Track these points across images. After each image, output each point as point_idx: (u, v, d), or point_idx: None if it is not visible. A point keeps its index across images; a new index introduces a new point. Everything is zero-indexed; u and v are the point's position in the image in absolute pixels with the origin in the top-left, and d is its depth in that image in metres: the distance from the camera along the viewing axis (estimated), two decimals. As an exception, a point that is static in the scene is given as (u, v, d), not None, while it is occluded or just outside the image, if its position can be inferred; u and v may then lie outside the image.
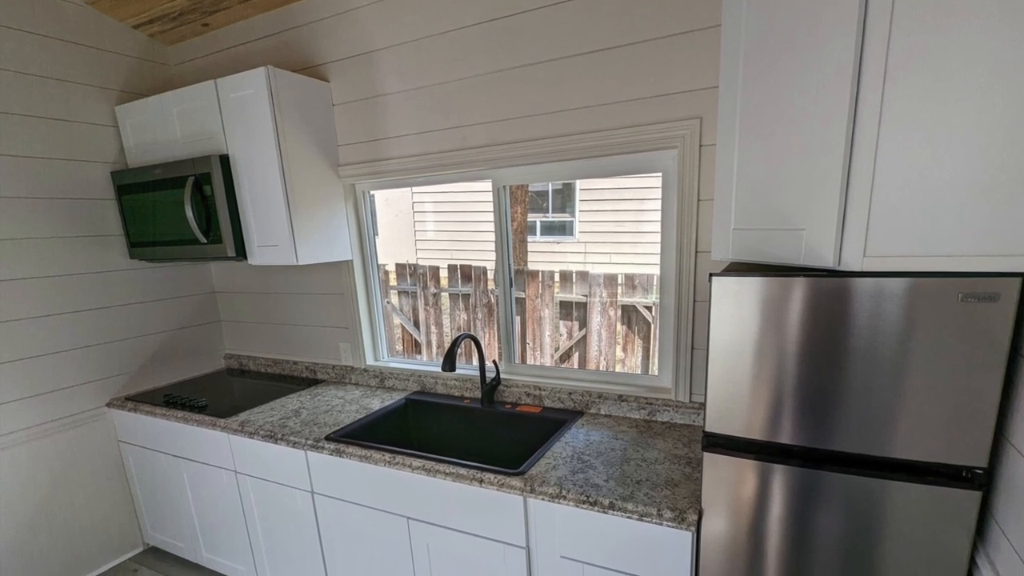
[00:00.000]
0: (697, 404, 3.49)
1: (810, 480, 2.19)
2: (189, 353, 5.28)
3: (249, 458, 3.94)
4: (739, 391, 2.24)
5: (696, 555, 2.55)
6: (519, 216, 8.97)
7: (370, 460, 3.32)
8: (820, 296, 2.01)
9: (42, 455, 4.34)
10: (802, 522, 2.25)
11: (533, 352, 8.36)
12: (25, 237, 4.10)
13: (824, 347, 2.04)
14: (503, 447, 3.95)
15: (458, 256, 12.76)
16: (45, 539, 4.41)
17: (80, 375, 4.50)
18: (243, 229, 4.09)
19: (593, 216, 12.34)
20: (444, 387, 4.33)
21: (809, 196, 2.02)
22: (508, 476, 2.93)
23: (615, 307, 7.80)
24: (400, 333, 9.35)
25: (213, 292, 5.43)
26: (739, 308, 2.16)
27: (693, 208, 3.23)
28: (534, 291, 8.15)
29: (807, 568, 2.28)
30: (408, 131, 3.96)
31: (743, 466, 2.32)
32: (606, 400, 3.73)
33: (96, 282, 4.52)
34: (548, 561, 2.93)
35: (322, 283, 4.75)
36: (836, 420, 2.09)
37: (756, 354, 2.17)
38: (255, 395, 4.56)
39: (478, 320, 8.58)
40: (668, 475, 2.86)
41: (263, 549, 4.14)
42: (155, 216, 4.31)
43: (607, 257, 12.07)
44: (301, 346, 5.08)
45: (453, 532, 3.18)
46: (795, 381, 2.12)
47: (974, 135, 1.72)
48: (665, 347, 3.58)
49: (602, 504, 2.66)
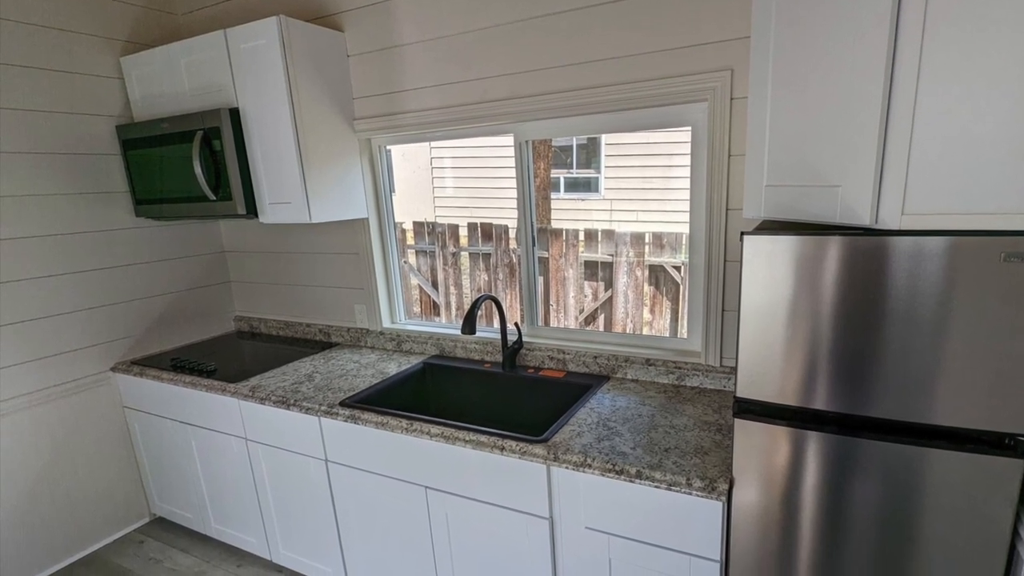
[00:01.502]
0: (728, 368, 3.51)
1: (846, 448, 2.20)
2: (197, 315, 5.32)
3: (260, 425, 3.98)
4: (772, 355, 2.25)
5: (727, 526, 2.57)
6: (542, 172, 8.98)
7: (386, 427, 3.35)
8: (856, 256, 2.01)
9: (44, 422, 4.39)
10: (837, 492, 2.26)
11: (557, 314, 8.37)
12: (26, 194, 4.14)
13: (860, 309, 2.04)
14: (525, 413, 3.98)
15: (478, 214, 12.75)
16: (47, 509, 4.47)
17: (83, 338, 4.55)
18: (254, 186, 4.12)
19: (619, 172, 12.29)
20: (464, 351, 4.37)
21: (845, 152, 2.02)
22: (531, 444, 2.95)
23: (642, 267, 7.80)
24: (418, 294, 9.38)
25: (222, 251, 5.47)
26: (772, 268, 2.16)
27: (724, 164, 3.24)
28: (558, 250, 8.16)
29: (843, 539, 2.30)
30: (426, 83, 3.97)
31: (776, 433, 2.33)
32: (633, 364, 3.76)
33: (100, 241, 4.56)
34: (572, 532, 2.96)
35: (336, 242, 4.78)
36: (873, 385, 2.09)
37: (789, 316, 2.17)
38: (266, 359, 4.60)
39: (499, 281, 8.60)
40: (698, 442, 2.87)
41: (275, 520, 4.19)
42: (162, 172, 4.34)
43: (634, 215, 12.04)
44: (314, 308, 5.11)
45: (473, 502, 3.21)
46: (830, 344, 2.13)
47: (1017, 88, 1.73)
48: (695, 309, 3.60)
49: (629, 473, 2.68)
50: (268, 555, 4.38)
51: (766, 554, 2.48)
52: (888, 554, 2.23)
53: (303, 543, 4.12)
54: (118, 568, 4.61)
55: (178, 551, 4.78)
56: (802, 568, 2.42)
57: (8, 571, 4.32)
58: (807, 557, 2.39)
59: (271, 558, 4.38)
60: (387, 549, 3.69)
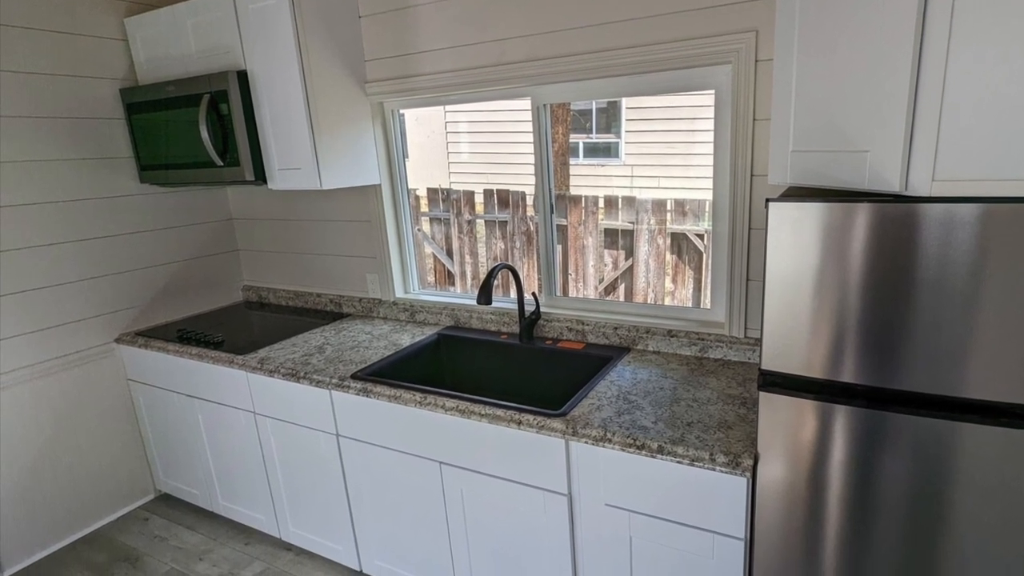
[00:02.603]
0: (753, 340, 3.53)
1: (874, 422, 2.21)
2: (204, 285, 5.36)
3: (269, 398, 4.02)
4: (798, 326, 2.26)
5: (752, 503, 2.58)
6: (560, 137, 8.98)
7: (400, 400, 3.38)
8: (886, 223, 2.00)
9: (45, 395, 4.43)
10: (866, 467, 2.27)
11: (576, 284, 8.39)
12: (27, 160, 4.17)
13: (890, 278, 2.04)
14: (543, 386, 4.01)
15: (495, 180, 12.74)
16: (49, 485, 4.52)
17: (86, 308, 4.58)
18: (262, 151, 4.14)
19: (640, 137, 12.27)
20: (479, 321, 4.39)
21: (874, 116, 2.02)
22: (549, 417, 2.96)
23: (664, 235, 7.80)
24: (432, 263, 9.41)
25: (230, 219, 5.50)
26: (798, 236, 2.16)
27: (748, 128, 3.24)
28: (576, 218, 8.17)
29: (871, 516, 2.31)
30: (441, 45, 3.97)
31: (802, 407, 2.34)
32: (654, 336, 3.77)
33: (104, 208, 4.59)
34: (592, 509, 2.98)
35: (348, 209, 4.80)
36: (902, 357, 2.10)
37: (816, 286, 2.18)
38: (275, 330, 4.63)
39: (516, 249, 8.62)
40: (721, 416, 2.89)
41: (284, 496, 4.24)
42: (167, 137, 4.36)
43: (655, 181, 12.03)
44: (325, 277, 5.14)
45: (489, 478, 3.24)
46: (858, 315, 2.13)
47: (1054, 49, 1.73)
48: (718, 278, 3.61)
49: (650, 448, 2.70)
50: (277, 532, 4.43)
51: (792, 532, 2.49)
52: (918, 532, 2.24)
53: (313, 520, 4.16)
54: (122, 546, 4.66)
55: (184, 528, 4.83)
56: (829, 546, 2.43)
57: (8, 549, 4.36)
58: (834, 535, 2.41)
59: (280, 536, 4.42)
60: (400, 526, 3.72)
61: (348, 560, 4.09)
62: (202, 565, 4.42)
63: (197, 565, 4.43)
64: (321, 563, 4.34)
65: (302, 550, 4.48)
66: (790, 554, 2.52)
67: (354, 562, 4.05)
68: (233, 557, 4.48)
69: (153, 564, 4.46)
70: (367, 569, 4.01)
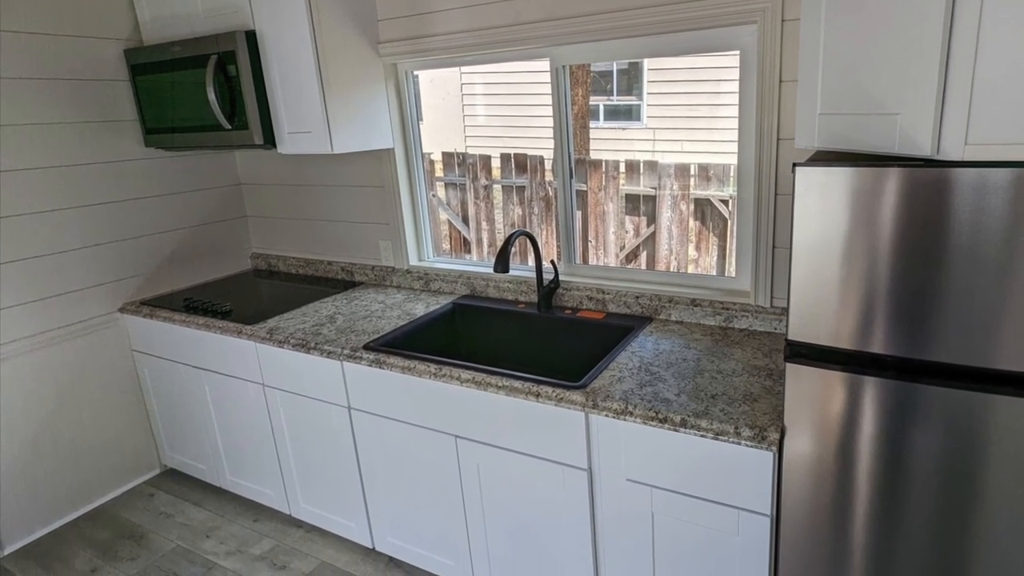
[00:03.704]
0: (779, 309, 3.53)
1: (905, 394, 2.21)
2: (211, 252, 5.39)
3: (278, 370, 4.05)
4: (826, 295, 2.26)
5: (778, 478, 2.59)
6: (580, 99, 8.97)
7: (414, 372, 3.40)
8: (916, 188, 2.00)
9: (47, 366, 4.47)
10: (896, 441, 2.28)
11: (596, 251, 8.40)
12: (28, 123, 4.19)
13: (921, 246, 2.04)
14: (562, 357, 4.03)
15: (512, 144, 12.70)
16: (50, 460, 4.56)
17: (89, 277, 4.62)
18: (272, 114, 4.17)
19: (663, 99, 12.24)
20: (496, 290, 4.41)
21: (904, 77, 2.02)
22: (568, 389, 2.98)
23: (687, 201, 7.80)
24: (447, 230, 9.42)
25: (238, 184, 5.53)
26: (826, 202, 2.16)
27: (774, 90, 3.24)
28: (597, 183, 8.17)
29: (902, 492, 2.32)
30: (456, 4, 3.97)
31: (830, 378, 2.35)
32: (677, 305, 3.79)
33: (107, 173, 4.61)
34: (612, 484, 3.00)
35: (360, 174, 4.81)
36: (934, 327, 2.10)
37: (845, 253, 2.18)
38: (285, 299, 4.66)
39: (534, 215, 8.63)
40: (746, 388, 2.90)
41: (294, 471, 4.28)
42: (173, 99, 4.39)
43: (678, 145, 11.99)
44: (336, 244, 5.17)
45: (506, 452, 3.27)
46: (888, 284, 2.13)
47: (1094, 8, 1.73)
48: (743, 246, 3.62)
49: (673, 421, 2.71)
50: (287, 509, 4.47)
51: (820, 508, 2.51)
52: (950, 507, 2.25)
53: (324, 496, 4.21)
54: (126, 523, 4.71)
55: (190, 505, 4.88)
56: (858, 522, 2.45)
57: (9, 526, 4.41)
58: (863, 511, 2.42)
59: (290, 512, 4.47)
60: (414, 502, 3.76)
61: (360, 537, 4.13)
62: (209, 542, 4.47)
63: (204, 542, 4.48)
64: (332, 540, 4.38)
65: (313, 527, 4.53)
66: (818, 531, 2.54)
67: (366, 539, 4.10)
68: (241, 534, 4.52)
69: (158, 541, 4.51)
70: (380, 546, 4.05)
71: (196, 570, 4.21)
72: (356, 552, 4.25)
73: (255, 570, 4.17)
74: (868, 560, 2.47)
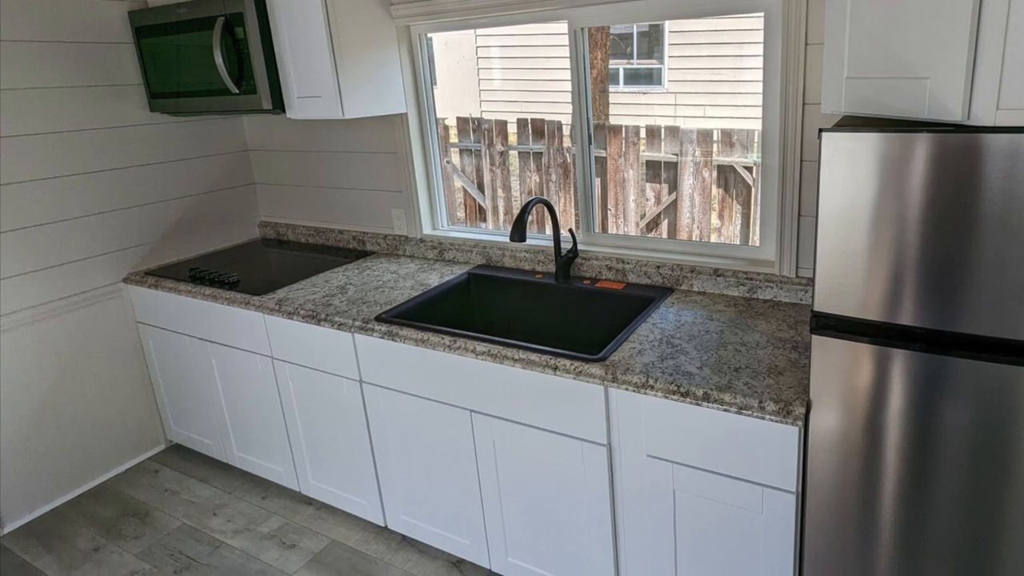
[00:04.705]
0: (805, 279, 3.53)
1: (935, 367, 2.22)
2: (218, 221, 5.41)
3: (288, 342, 4.08)
4: (853, 264, 2.27)
5: (803, 454, 2.61)
6: (599, 63, 8.97)
7: (427, 344, 3.42)
8: (946, 155, 2.00)
9: (48, 338, 4.51)
10: (926, 416, 2.28)
11: (615, 219, 8.41)
12: (29, 87, 4.21)
13: (951, 214, 2.04)
14: (581, 329, 4.05)
15: (529, 109, 12.69)
16: (52, 435, 4.61)
17: (93, 246, 4.64)
18: (281, 78, 4.17)
19: (685, 63, 12.22)
20: (512, 260, 4.42)
21: (934, 40, 2.01)
22: (586, 362, 3.00)
23: (710, 167, 7.80)
24: (462, 198, 9.43)
25: (246, 150, 5.54)
26: (853, 169, 2.16)
27: (800, 53, 3.22)
28: (616, 149, 8.17)
29: (932, 468, 2.33)
30: (471, -38, 3.97)
31: (858, 351, 2.35)
32: (699, 275, 3.79)
33: (111, 139, 4.63)
34: (632, 460, 3.02)
35: (372, 140, 4.81)
36: (965, 297, 2.11)
37: (873, 222, 2.18)
38: (294, 269, 4.68)
39: (552, 183, 8.64)
40: (771, 361, 2.91)
41: (303, 447, 4.31)
42: (179, 63, 4.40)
43: (701, 110, 11.98)
44: (347, 213, 5.18)
45: (523, 427, 3.29)
46: (917, 253, 2.13)
47: None
48: (768, 214, 3.63)
49: (695, 395, 2.73)
50: (296, 486, 4.51)
51: (847, 485, 2.52)
52: (981, 484, 2.26)
53: (335, 473, 4.24)
54: (130, 500, 4.76)
55: (197, 481, 4.93)
56: (887, 500, 2.46)
57: (9, 504, 4.46)
58: (892, 488, 2.43)
59: (299, 489, 4.51)
60: (428, 478, 3.80)
61: (372, 515, 4.17)
62: (216, 520, 4.52)
63: (211, 520, 4.52)
64: (343, 518, 4.42)
65: (323, 504, 4.57)
66: (845, 508, 2.56)
67: (378, 517, 4.13)
68: (249, 512, 4.57)
69: (163, 519, 4.56)
70: (392, 524, 4.09)
71: (202, 549, 4.26)
72: (368, 530, 4.29)
73: (263, 549, 4.22)
74: (897, 538, 2.48)
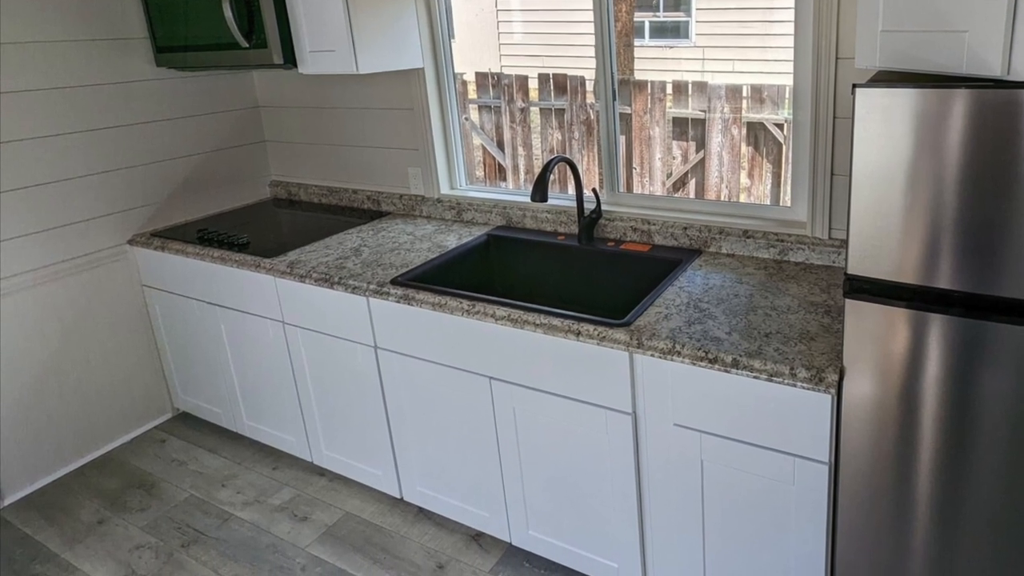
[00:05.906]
0: (838, 241, 3.52)
1: (973, 332, 2.23)
2: (227, 180, 5.44)
3: (300, 306, 4.11)
4: (888, 225, 2.27)
5: (836, 422, 2.62)
6: (624, 15, 8.96)
7: (445, 308, 3.44)
8: (985, 111, 1.99)
9: (51, 302, 4.54)
10: (964, 383, 2.29)
11: (641, 179, 8.42)
12: (30, 40, 4.23)
13: (990, 172, 2.04)
14: (605, 293, 4.07)
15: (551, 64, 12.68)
16: (54, 403, 4.66)
17: (97, 206, 4.68)
18: (292, 31, 4.18)
19: (713, 16, 12.20)
20: (533, 221, 4.43)
21: None
22: (611, 328, 3.01)
23: (739, 124, 7.79)
24: (481, 156, 9.44)
25: (256, 107, 5.56)
26: (888, 126, 2.16)
27: (833, 5, 3.21)
28: (642, 105, 8.17)
29: (970, 438, 2.34)
30: (490, -95, 3.98)
31: (893, 315, 2.36)
32: (728, 236, 3.80)
33: (116, 94, 4.65)
34: (659, 429, 3.04)
35: (387, 96, 4.82)
36: (1004, 260, 2.10)
37: (909, 181, 2.18)
38: (307, 230, 4.70)
39: (574, 140, 8.64)
40: (803, 326, 2.92)
41: (316, 415, 4.35)
42: (187, 15, 4.40)
43: (729, 65, 11.95)
44: (362, 172, 5.20)
45: (545, 395, 3.31)
46: (955, 214, 2.13)
47: None
48: (799, 173, 3.63)
49: (724, 361, 2.74)
50: (308, 456, 4.56)
51: (882, 455, 2.54)
52: (1022, 454, 2.27)
53: (349, 442, 4.28)
54: (136, 470, 4.82)
55: (205, 451, 4.99)
56: (923, 470, 2.47)
57: (11, 474, 4.52)
58: (929, 458, 2.45)
59: (312, 459, 4.55)
60: (445, 448, 3.83)
61: (388, 486, 4.21)
62: (225, 492, 4.57)
63: (219, 492, 4.57)
64: (357, 489, 4.46)
65: (336, 475, 4.61)
66: (879, 479, 2.57)
67: (394, 488, 4.17)
68: (259, 483, 4.61)
69: (170, 491, 4.61)
70: (408, 496, 4.13)
71: (211, 521, 4.31)
72: (383, 502, 4.33)
73: (274, 521, 4.26)
74: (933, 510, 2.50)
